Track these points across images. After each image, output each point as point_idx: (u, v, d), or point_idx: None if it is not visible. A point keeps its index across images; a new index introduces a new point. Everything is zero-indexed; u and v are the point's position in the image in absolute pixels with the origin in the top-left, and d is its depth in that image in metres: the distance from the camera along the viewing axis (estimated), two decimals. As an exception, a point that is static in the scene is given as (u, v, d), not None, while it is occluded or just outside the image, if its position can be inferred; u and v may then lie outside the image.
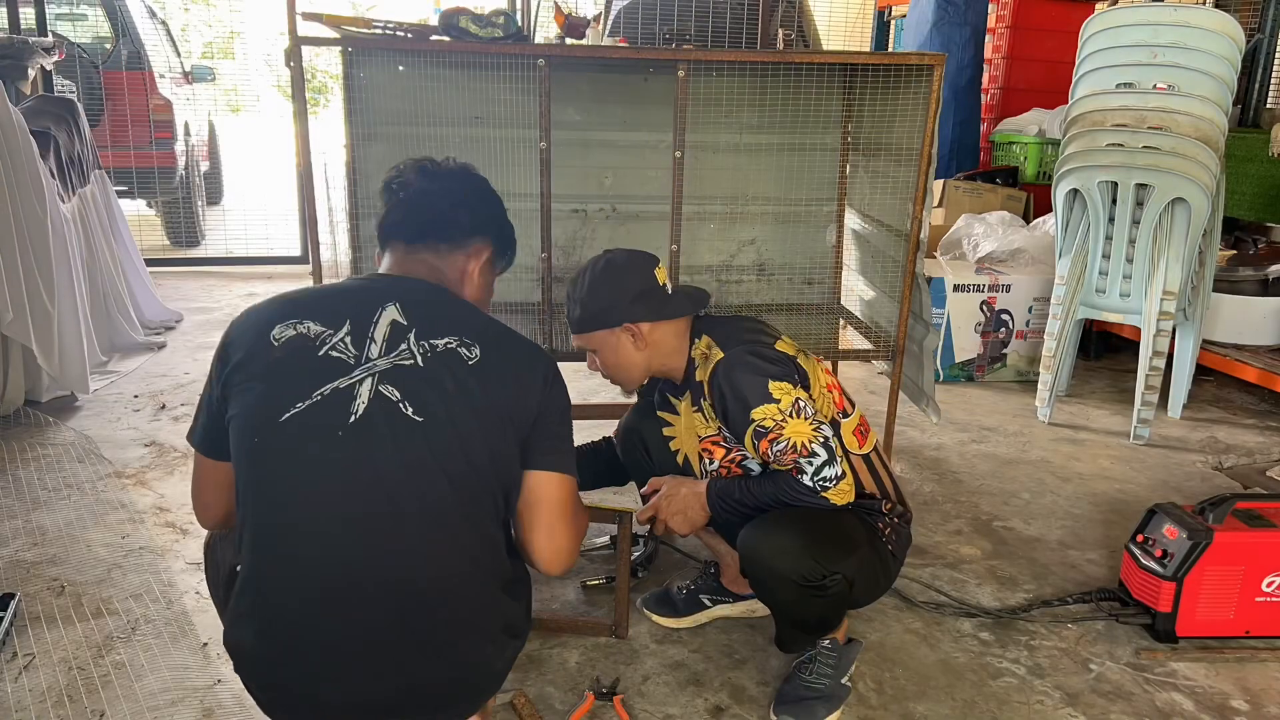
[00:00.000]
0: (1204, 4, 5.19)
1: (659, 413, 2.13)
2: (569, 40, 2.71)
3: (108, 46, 6.66)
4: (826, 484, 1.80)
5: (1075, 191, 3.44)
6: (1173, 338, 3.50)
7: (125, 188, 6.07)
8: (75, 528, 2.57)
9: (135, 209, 6.49)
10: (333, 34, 2.49)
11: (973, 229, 4.46)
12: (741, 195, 3.24)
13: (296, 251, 6.22)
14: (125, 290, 4.30)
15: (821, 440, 1.80)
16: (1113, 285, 3.47)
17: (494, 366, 1.48)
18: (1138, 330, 3.46)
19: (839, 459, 1.82)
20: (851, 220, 3.27)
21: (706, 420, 1.98)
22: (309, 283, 3.18)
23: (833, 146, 3.20)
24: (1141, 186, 3.27)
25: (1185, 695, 2.01)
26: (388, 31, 2.49)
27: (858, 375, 4.07)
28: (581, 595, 2.31)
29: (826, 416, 1.91)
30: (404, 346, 1.46)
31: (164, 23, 7.57)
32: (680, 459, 2.10)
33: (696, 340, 1.96)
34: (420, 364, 1.45)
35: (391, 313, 1.49)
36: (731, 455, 1.98)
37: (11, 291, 3.12)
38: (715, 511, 1.94)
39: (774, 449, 1.81)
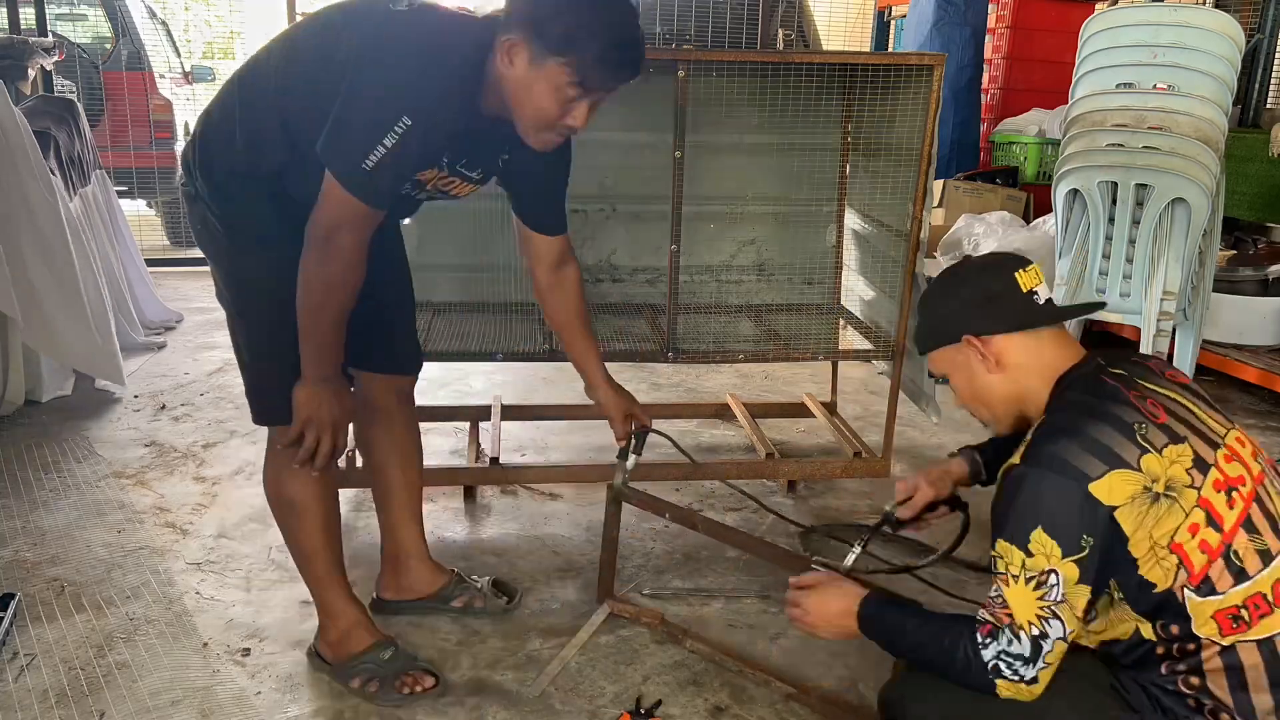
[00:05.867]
0: (1204, 4, 5.19)
1: None
2: (569, 40, 2.71)
3: (108, 46, 6.67)
4: (1005, 674, 1.34)
5: (1075, 191, 3.43)
6: (1173, 338, 3.49)
7: (125, 188, 6.06)
8: (75, 528, 2.58)
9: (135, 209, 6.48)
10: (333, 34, 2.48)
11: (973, 229, 4.47)
12: (741, 195, 3.23)
13: (296, 251, 6.21)
14: (126, 290, 4.30)
15: (1038, 632, 1.33)
16: (1112, 285, 3.46)
17: None
18: (1138, 330, 3.46)
19: (1046, 666, 1.34)
20: (851, 220, 3.27)
21: None
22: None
23: (833, 146, 3.19)
24: (1141, 186, 3.27)
25: (1185, 695, 2.01)
26: (388, 31, 2.48)
27: (858, 375, 4.07)
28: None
29: (1097, 623, 1.43)
30: None
31: (164, 23, 7.57)
32: None
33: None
34: None
35: None
36: None
37: (22, 293, 3.12)
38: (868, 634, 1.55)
39: (989, 591, 1.40)
